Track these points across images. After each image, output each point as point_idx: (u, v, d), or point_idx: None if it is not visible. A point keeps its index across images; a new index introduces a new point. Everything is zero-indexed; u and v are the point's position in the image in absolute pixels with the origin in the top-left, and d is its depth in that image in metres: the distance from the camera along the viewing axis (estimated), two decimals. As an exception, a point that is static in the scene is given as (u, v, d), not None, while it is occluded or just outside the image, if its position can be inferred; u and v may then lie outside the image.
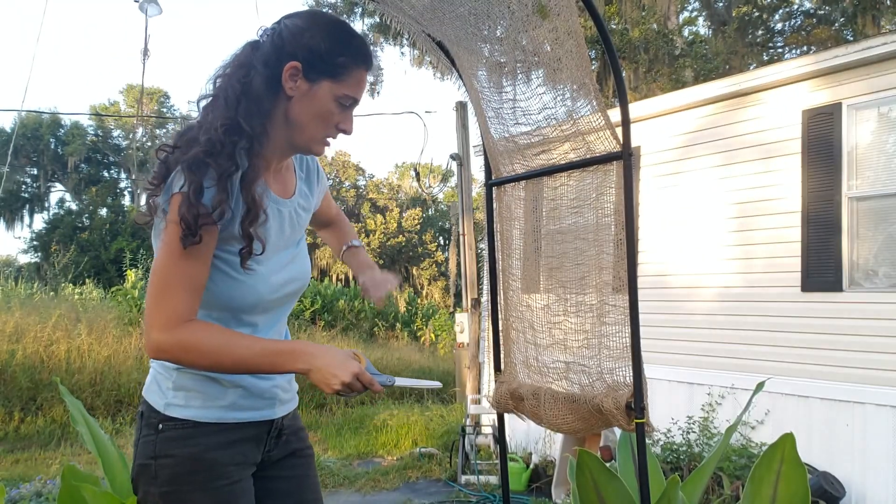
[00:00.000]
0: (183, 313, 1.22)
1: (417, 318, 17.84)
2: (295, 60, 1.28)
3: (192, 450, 1.32)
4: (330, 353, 1.27)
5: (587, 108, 1.44)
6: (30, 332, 8.76)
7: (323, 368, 1.24)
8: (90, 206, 28.28)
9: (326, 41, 1.30)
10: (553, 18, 1.45)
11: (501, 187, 1.75)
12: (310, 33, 1.30)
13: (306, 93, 1.30)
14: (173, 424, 1.33)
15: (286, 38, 1.30)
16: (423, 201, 28.92)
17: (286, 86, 1.29)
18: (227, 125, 1.24)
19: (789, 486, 1.92)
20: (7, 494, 3.91)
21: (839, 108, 4.62)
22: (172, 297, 1.22)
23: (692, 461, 4.47)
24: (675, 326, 5.47)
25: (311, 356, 1.26)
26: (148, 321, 1.23)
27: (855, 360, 4.42)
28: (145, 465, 1.33)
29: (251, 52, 1.31)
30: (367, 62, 1.35)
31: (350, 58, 1.31)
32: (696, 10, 16.74)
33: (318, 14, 1.37)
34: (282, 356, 1.26)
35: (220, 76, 1.31)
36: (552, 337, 1.56)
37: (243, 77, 1.27)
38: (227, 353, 1.23)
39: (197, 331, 1.23)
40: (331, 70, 1.30)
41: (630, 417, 1.37)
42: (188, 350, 1.22)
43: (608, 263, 1.44)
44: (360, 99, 1.37)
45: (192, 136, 1.27)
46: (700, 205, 5.43)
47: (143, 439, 1.35)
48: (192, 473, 1.32)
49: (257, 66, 1.28)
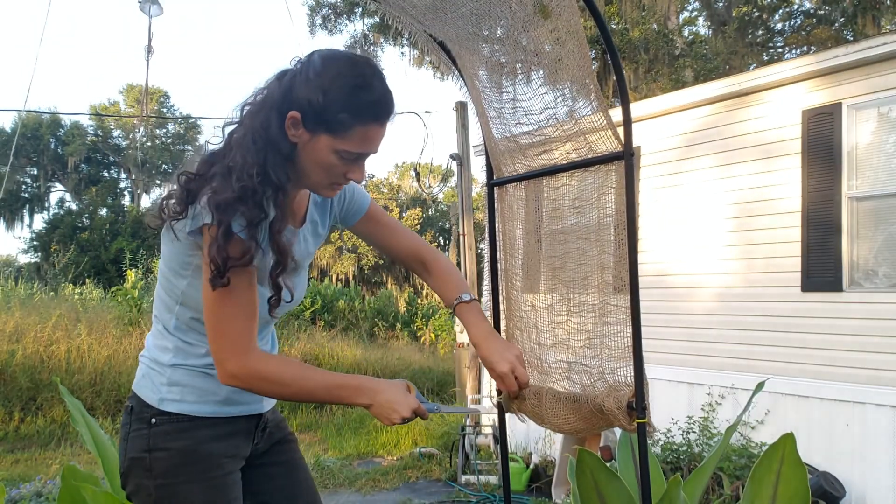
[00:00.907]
0: (246, 340, 1.28)
1: (417, 318, 17.83)
2: (296, 110, 1.24)
3: (186, 443, 1.36)
4: (391, 389, 1.34)
5: (588, 108, 1.44)
6: (30, 332, 8.75)
7: (384, 404, 1.32)
8: (90, 206, 28.28)
9: (328, 94, 1.23)
10: (554, 18, 1.45)
11: (503, 187, 1.75)
12: (315, 83, 1.24)
13: (307, 142, 1.27)
14: (167, 419, 1.36)
15: (295, 84, 1.26)
16: (423, 201, 28.91)
17: (289, 133, 1.27)
18: (261, 175, 1.23)
19: (789, 486, 1.92)
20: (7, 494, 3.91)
21: (839, 108, 4.62)
22: (231, 327, 1.27)
23: (692, 461, 4.47)
24: (675, 326, 5.47)
25: (373, 392, 1.33)
26: (217, 355, 1.29)
27: (855, 360, 4.42)
28: (139, 458, 1.35)
29: (276, 87, 1.28)
30: (379, 119, 1.28)
31: (353, 115, 1.25)
32: (696, 10, 16.75)
33: (335, 59, 1.28)
34: (346, 390, 1.32)
35: (249, 104, 1.29)
36: (555, 337, 1.56)
37: (265, 120, 1.26)
38: (300, 386, 1.31)
39: (270, 362, 1.30)
40: (329, 126, 1.25)
41: (631, 417, 1.37)
42: (264, 379, 1.29)
43: (610, 263, 1.44)
44: (369, 152, 1.31)
45: (219, 170, 1.25)
46: (700, 205, 5.43)
47: (134, 433, 1.37)
48: (186, 465, 1.35)
49: (272, 110, 1.26)
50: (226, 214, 1.20)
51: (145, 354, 1.44)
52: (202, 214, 1.22)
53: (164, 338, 1.40)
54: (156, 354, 1.41)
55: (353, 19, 16.84)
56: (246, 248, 1.22)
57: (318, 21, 16.90)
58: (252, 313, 1.29)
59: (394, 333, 16.90)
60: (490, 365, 1.47)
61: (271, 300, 1.33)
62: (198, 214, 1.23)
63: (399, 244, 1.64)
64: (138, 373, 1.44)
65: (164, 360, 1.39)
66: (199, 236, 1.25)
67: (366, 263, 26.30)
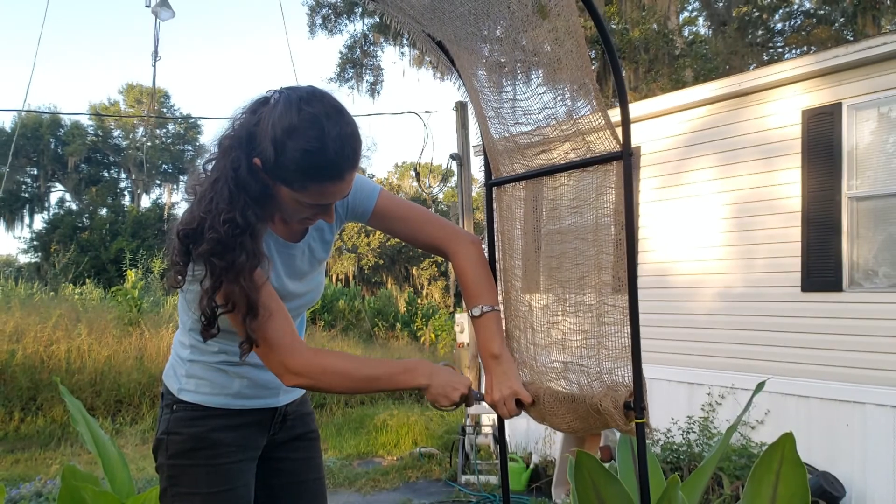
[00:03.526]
0: (289, 338, 1.33)
1: (417, 318, 17.82)
2: (258, 156, 1.25)
3: (198, 430, 1.46)
4: (445, 370, 1.40)
5: (587, 108, 1.44)
6: (30, 332, 8.76)
7: (444, 383, 1.37)
8: (90, 206, 28.29)
9: (281, 154, 1.22)
10: (553, 18, 1.45)
11: (501, 187, 1.75)
12: (271, 134, 1.22)
13: (273, 186, 1.29)
14: (185, 406, 1.48)
15: (260, 128, 1.24)
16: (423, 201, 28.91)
17: (258, 175, 1.28)
18: (228, 223, 1.25)
19: (789, 486, 1.92)
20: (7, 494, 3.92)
21: (839, 108, 4.62)
22: (273, 329, 1.31)
23: (692, 461, 4.47)
24: (675, 326, 5.47)
25: (430, 373, 1.38)
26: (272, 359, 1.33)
27: (855, 360, 4.42)
28: (160, 439, 1.49)
29: (247, 123, 1.27)
30: (333, 178, 1.25)
31: (306, 176, 1.24)
32: (696, 10, 16.74)
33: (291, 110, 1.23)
34: (406, 374, 1.38)
35: (226, 138, 1.29)
36: (550, 337, 1.56)
37: (235, 160, 1.26)
38: (364, 374, 1.35)
39: (325, 356, 1.36)
40: (286, 181, 1.25)
41: (629, 418, 1.37)
42: (325, 372, 1.34)
43: (608, 263, 1.44)
44: (333, 202, 1.32)
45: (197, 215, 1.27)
46: (700, 205, 5.43)
47: (162, 417, 1.51)
48: (195, 450, 1.45)
49: (241, 150, 1.26)
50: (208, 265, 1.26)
51: (173, 347, 1.58)
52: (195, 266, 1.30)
53: (183, 335, 1.53)
54: (178, 349, 1.54)
55: (353, 19, 16.84)
56: (230, 291, 1.26)
57: (318, 21, 16.90)
58: (278, 309, 1.33)
59: (394, 333, 16.90)
60: (486, 390, 1.51)
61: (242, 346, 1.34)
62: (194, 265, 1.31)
63: (419, 236, 1.58)
64: (167, 363, 1.57)
65: (184, 355, 1.51)
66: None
67: (366, 263, 26.31)
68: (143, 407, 8.50)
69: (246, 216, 1.27)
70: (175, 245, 1.29)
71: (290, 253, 1.45)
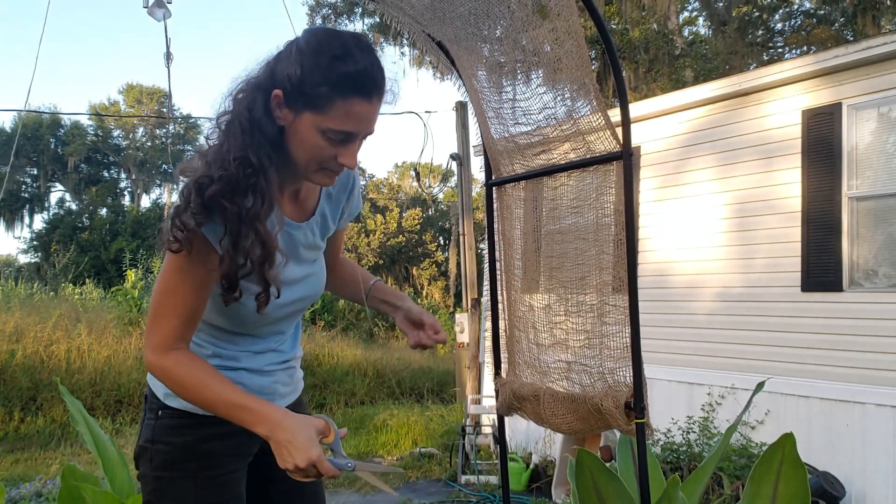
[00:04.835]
0: (172, 340, 1.25)
1: (417, 318, 17.78)
2: (279, 87, 1.19)
3: (186, 439, 1.35)
4: (295, 429, 1.19)
5: (587, 108, 1.44)
6: (30, 332, 8.76)
7: (283, 443, 1.18)
8: (90, 206, 28.29)
9: (306, 67, 1.16)
10: (553, 18, 1.45)
11: (502, 187, 1.75)
12: (295, 57, 1.18)
13: (292, 123, 1.20)
14: (171, 413, 1.37)
15: (279, 62, 1.20)
16: (423, 201, 28.92)
17: (275, 114, 1.21)
18: (241, 159, 1.18)
19: (789, 486, 1.91)
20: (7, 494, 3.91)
21: (839, 108, 4.62)
22: (166, 323, 1.24)
23: (692, 461, 4.47)
24: (675, 326, 5.47)
25: (275, 425, 1.19)
26: (145, 340, 1.28)
27: (855, 360, 4.42)
28: (144, 447, 1.38)
29: (263, 69, 1.23)
30: (361, 92, 1.18)
31: (333, 87, 1.16)
32: (696, 10, 16.74)
33: (318, 33, 1.21)
34: (246, 412, 1.21)
35: (239, 92, 1.24)
36: (553, 337, 1.56)
37: (250, 102, 1.20)
38: (198, 392, 1.24)
39: (180, 363, 1.25)
40: (310, 101, 1.17)
41: (629, 417, 1.37)
42: (167, 377, 1.26)
43: (608, 263, 1.44)
44: (359, 131, 1.22)
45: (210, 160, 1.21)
46: (700, 205, 5.43)
47: (145, 422, 1.40)
48: (184, 461, 1.35)
49: (258, 90, 1.21)
50: (218, 215, 1.18)
51: None
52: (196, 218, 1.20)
53: None
54: None
55: (353, 19, 16.85)
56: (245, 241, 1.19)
57: (318, 21, 16.91)
58: (192, 317, 1.26)
59: (394, 333, 16.89)
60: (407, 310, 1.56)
61: (259, 297, 1.25)
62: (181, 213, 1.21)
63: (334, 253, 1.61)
64: None
65: None
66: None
67: (365, 264, 26.29)
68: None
69: (259, 156, 1.20)
70: (191, 195, 1.18)
71: (292, 234, 1.36)
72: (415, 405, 9.51)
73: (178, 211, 1.18)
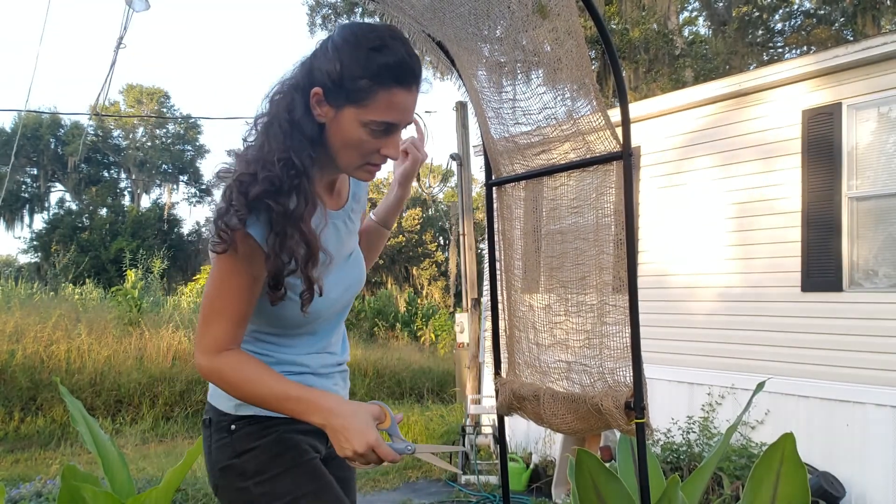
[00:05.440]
0: (224, 342, 1.24)
1: (417, 318, 17.82)
2: (318, 85, 1.21)
3: (270, 437, 1.33)
4: (350, 414, 1.19)
5: (587, 108, 1.44)
6: (30, 332, 8.76)
7: (339, 430, 1.18)
8: (90, 206, 28.31)
9: (345, 62, 1.18)
10: (553, 18, 1.45)
11: (502, 187, 1.75)
12: (332, 54, 1.20)
13: (334, 119, 1.23)
14: (247, 422, 1.34)
15: (316, 61, 1.22)
16: (423, 201, 28.92)
17: (314, 112, 1.22)
18: (284, 160, 1.19)
19: (789, 486, 1.92)
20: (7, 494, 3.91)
21: (839, 108, 4.62)
22: (216, 325, 1.24)
23: (692, 461, 4.47)
24: (675, 326, 5.47)
25: (328, 412, 1.19)
26: (195, 344, 1.27)
27: (855, 360, 4.42)
28: (229, 465, 1.33)
29: (299, 69, 1.25)
30: (401, 81, 1.20)
31: (373, 79, 1.18)
32: (696, 10, 16.75)
33: (353, 28, 1.23)
34: (301, 403, 1.21)
35: (276, 93, 1.25)
36: (553, 337, 1.56)
37: (289, 103, 1.22)
38: (250, 390, 1.24)
39: (232, 362, 1.24)
40: (350, 95, 1.19)
41: (629, 417, 1.37)
42: (221, 379, 1.25)
43: (608, 263, 1.44)
44: (401, 122, 1.24)
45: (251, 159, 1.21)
46: (700, 205, 5.43)
47: (217, 444, 1.36)
48: (278, 455, 1.33)
49: (296, 91, 1.22)
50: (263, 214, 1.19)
51: None
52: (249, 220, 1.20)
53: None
54: None
55: (353, 19, 16.85)
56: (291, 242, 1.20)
57: (318, 21, 16.91)
58: (242, 318, 1.26)
59: (394, 333, 16.90)
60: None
61: (303, 295, 1.25)
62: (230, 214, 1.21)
63: None
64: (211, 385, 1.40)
65: None
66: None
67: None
68: (143, 407, 8.51)
69: (302, 158, 1.21)
70: (234, 195, 1.18)
71: (336, 223, 1.37)
72: (415, 405, 9.51)
73: (221, 213, 1.19)
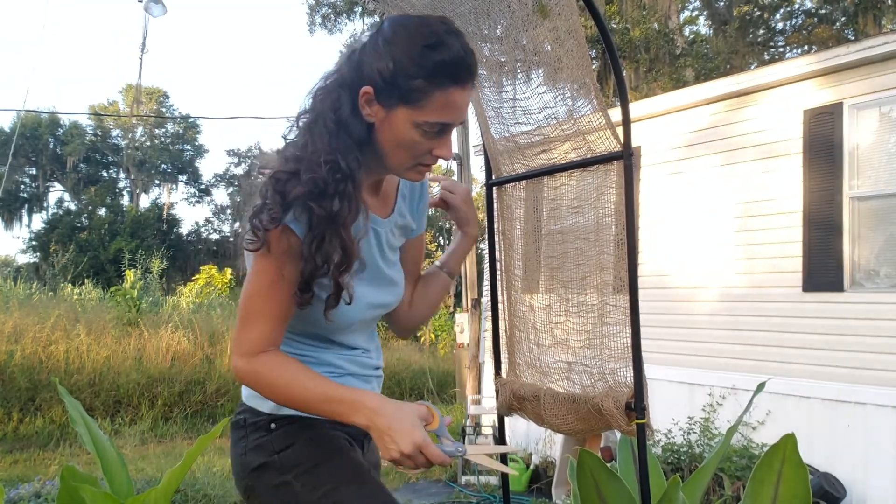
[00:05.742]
0: (263, 343, 1.21)
1: (417, 318, 17.75)
2: (368, 84, 1.14)
3: (309, 432, 1.30)
4: (396, 414, 1.14)
5: (588, 108, 1.44)
6: (28, 332, 8.75)
7: (384, 430, 1.12)
8: (89, 206, 28.29)
9: (398, 59, 1.12)
10: (553, 18, 1.44)
11: (502, 187, 1.74)
12: (384, 51, 1.14)
13: (384, 119, 1.17)
14: (286, 421, 1.31)
15: (365, 57, 1.16)
16: (422, 201, 28.89)
17: (363, 112, 1.17)
18: (331, 163, 1.14)
19: (790, 486, 1.91)
20: (6, 495, 3.90)
21: (840, 107, 4.61)
22: (255, 326, 1.20)
23: (693, 462, 4.46)
24: (675, 326, 5.46)
25: (372, 411, 1.14)
26: (233, 345, 1.26)
27: (856, 361, 4.41)
28: (266, 463, 1.31)
29: (346, 65, 1.19)
30: (458, 80, 1.14)
31: (428, 79, 1.12)
32: (696, 9, 16.75)
33: (404, 23, 1.17)
34: (342, 405, 1.17)
35: (320, 89, 1.20)
36: (554, 337, 1.55)
37: (335, 101, 1.16)
38: (289, 392, 1.20)
39: (271, 364, 1.21)
40: (404, 95, 1.14)
41: (630, 418, 1.36)
42: (259, 381, 1.21)
43: (609, 263, 1.43)
44: (455, 121, 1.19)
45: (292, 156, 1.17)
46: (701, 205, 5.42)
47: (256, 442, 1.33)
48: (316, 448, 1.30)
49: (343, 88, 1.17)
50: (302, 214, 1.15)
51: None
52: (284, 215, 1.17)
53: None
54: None
55: (353, 18, 16.85)
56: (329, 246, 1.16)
57: (318, 20, 16.91)
58: (282, 318, 1.22)
59: (393, 333, 16.84)
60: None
61: (328, 300, 1.21)
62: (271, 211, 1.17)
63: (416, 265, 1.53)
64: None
65: None
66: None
67: (366, 263, 26.26)
68: (142, 407, 8.50)
69: (348, 161, 1.16)
70: (269, 192, 1.14)
71: (378, 231, 1.32)
72: (415, 405, 9.46)
73: (257, 210, 1.15)
